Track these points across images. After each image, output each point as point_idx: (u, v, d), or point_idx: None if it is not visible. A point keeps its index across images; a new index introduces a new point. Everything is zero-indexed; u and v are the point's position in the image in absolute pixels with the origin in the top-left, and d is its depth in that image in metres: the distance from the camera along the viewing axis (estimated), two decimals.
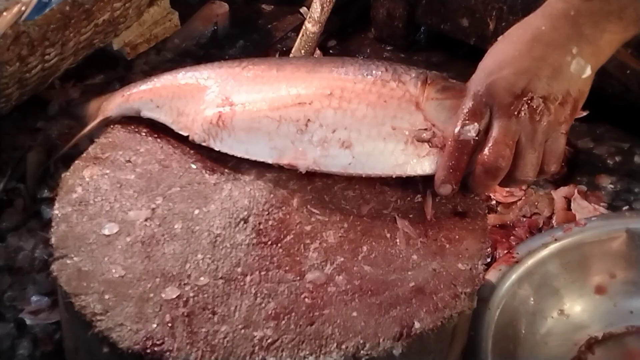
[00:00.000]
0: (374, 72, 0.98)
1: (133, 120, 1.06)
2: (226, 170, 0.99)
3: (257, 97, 0.98)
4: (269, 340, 0.80)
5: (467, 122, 0.92)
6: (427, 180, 0.95)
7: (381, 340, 0.80)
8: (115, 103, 1.08)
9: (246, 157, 0.98)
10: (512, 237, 1.22)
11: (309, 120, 0.94)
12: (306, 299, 0.84)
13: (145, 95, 1.06)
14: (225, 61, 1.08)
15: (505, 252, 1.09)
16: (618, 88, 1.37)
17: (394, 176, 0.94)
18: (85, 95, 1.41)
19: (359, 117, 0.94)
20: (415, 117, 0.94)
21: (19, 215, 1.23)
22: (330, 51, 1.61)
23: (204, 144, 0.99)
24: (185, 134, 1.01)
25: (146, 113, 1.05)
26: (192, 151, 1.01)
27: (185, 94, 1.03)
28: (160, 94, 1.05)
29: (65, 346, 0.98)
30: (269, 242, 0.90)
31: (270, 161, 0.96)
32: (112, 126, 1.06)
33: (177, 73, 1.08)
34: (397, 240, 0.91)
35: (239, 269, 0.87)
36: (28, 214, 1.23)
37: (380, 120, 0.94)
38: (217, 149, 0.99)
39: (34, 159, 1.29)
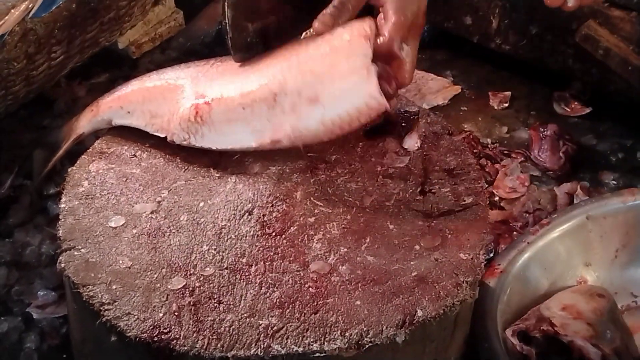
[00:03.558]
0: (319, 30, 0.97)
1: None
2: (230, 164, 1.00)
3: (230, 88, 0.99)
4: (274, 328, 0.81)
5: None
6: None
7: (384, 328, 0.81)
8: (86, 119, 1.09)
9: (230, 148, 0.99)
10: (514, 233, 1.22)
11: (275, 94, 0.95)
12: (310, 288, 0.85)
13: (115, 103, 1.06)
14: (192, 62, 1.08)
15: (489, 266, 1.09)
16: (620, 85, 1.38)
17: (367, 109, 0.93)
18: (91, 93, 1.42)
19: (318, 71, 0.95)
20: (368, 47, 0.93)
21: (26, 211, 1.25)
22: None
23: (184, 143, 0.99)
24: (161, 135, 1.01)
25: (118, 121, 1.05)
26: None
27: (155, 96, 1.03)
28: (130, 99, 1.05)
29: (72, 338, 0.99)
30: (273, 234, 0.91)
31: (254, 144, 0.97)
32: None
33: (144, 77, 1.08)
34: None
35: (244, 260, 0.88)
36: (34, 210, 1.25)
37: (336, 63, 0.94)
38: (199, 146, 0.99)
39: (40, 156, 1.30)
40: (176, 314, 0.82)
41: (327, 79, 0.94)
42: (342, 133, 0.95)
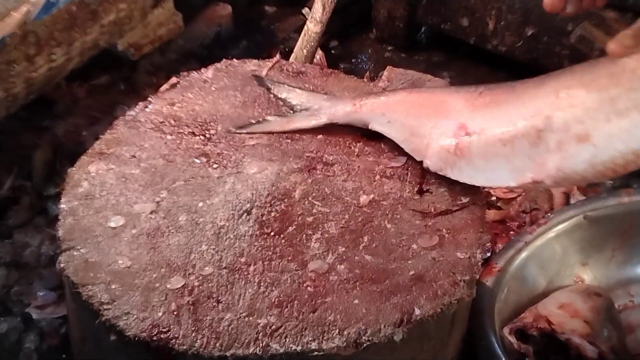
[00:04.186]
0: (601, 62, 0.88)
1: (137, 116, 1.08)
2: (229, 164, 1.01)
3: (491, 122, 0.94)
4: (272, 327, 0.82)
5: None
6: None
7: (382, 326, 0.82)
8: (344, 111, 1.05)
9: (486, 184, 0.96)
10: (511, 232, 1.23)
11: (539, 130, 0.88)
12: (309, 288, 0.86)
13: (378, 108, 1.03)
14: (462, 86, 1.04)
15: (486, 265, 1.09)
16: None
17: None
18: (90, 95, 1.43)
19: (591, 106, 0.85)
20: None
21: (26, 212, 1.25)
22: (332, 51, 1.63)
23: (439, 172, 0.97)
24: (417, 157, 0.99)
25: (375, 126, 1.03)
26: (195, 146, 1.03)
27: (419, 115, 1.00)
28: (394, 109, 1.02)
29: (72, 337, 1.00)
30: (272, 233, 0.92)
31: (513, 184, 0.92)
32: (116, 122, 1.08)
33: (412, 91, 1.06)
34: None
35: (243, 259, 0.89)
36: (34, 211, 1.25)
37: (613, 98, 0.84)
38: (453, 178, 0.96)
39: (40, 157, 1.31)
40: (175, 313, 0.83)
41: (601, 115, 0.85)
42: (614, 176, 0.88)
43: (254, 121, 1.07)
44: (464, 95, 0.98)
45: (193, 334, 0.81)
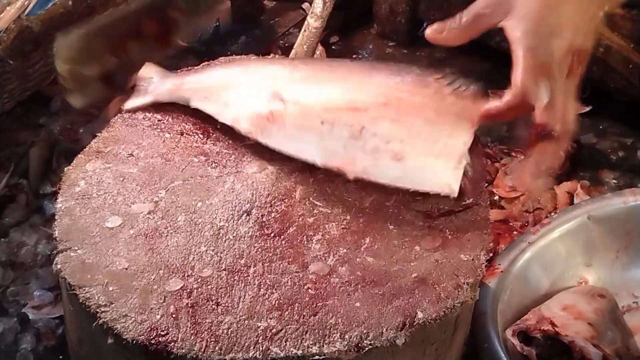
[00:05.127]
0: (431, 83, 0.94)
1: (135, 114, 1.06)
2: (229, 164, 0.99)
3: (310, 96, 0.96)
4: (272, 331, 0.80)
5: None
6: None
7: (384, 330, 0.81)
8: (167, 90, 1.06)
9: (293, 154, 0.95)
10: (514, 232, 1.22)
11: (363, 127, 0.91)
12: (309, 290, 0.85)
13: (196, 85, 1.04)
14: (275, 58, 1.07)
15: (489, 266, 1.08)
16: (621, 83, 1.37)
17: (435, 190, 0.91)
18: None
19: (415, 132, 0.91)
20: (469, 135, 0.91)
21: (22, 210, 1.24)
22: (333, 47, 1.62)
23: (249, 135, 0.97)
24: (230, 124, 0.99)
25: (194, 104, 1.03)
26: (194, 145, 1.02)
27: (233, 85, 1.02)
28: (210, 83, 1.03)
29: (69, 339, 0.98)
30: (272, 234, 0.91)
31: (318, 162, 0.93)
32: (113, 120, 1.06)
33: (228, 63, 1.07)
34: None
35: (242, 261, 0.88)
36: (31, 210, 1.24)
37: (435, 136, 0.91)
38: (262, 142, 0.96)
39: (36, 155, 1.30)
40: (174, 316, 0.82)
41: (419, 147, 0.91)
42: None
43: None
44: (277, 66, 1.02)
45: (192, 337, 0.80)
